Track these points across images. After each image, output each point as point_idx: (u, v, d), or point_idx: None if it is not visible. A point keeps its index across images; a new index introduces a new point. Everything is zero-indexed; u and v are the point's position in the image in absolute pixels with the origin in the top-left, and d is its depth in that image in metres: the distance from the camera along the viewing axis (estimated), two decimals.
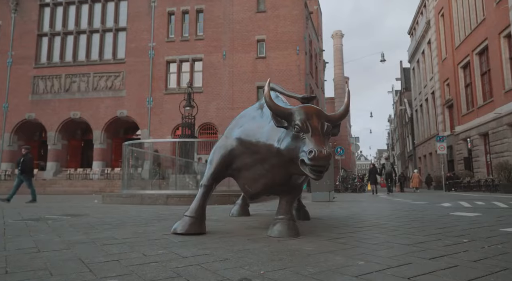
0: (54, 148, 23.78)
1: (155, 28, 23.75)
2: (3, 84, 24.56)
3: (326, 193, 7.77)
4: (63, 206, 5.96)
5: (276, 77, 22.05)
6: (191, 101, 17.84)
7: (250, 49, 22.65)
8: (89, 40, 24.58)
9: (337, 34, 64.34)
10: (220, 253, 1.99)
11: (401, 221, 3.68)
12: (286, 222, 2.63)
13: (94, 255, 1.90)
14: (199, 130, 22.62)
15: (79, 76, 24.01)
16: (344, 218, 4.04)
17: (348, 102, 2.68)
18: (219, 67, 22.75)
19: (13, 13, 25.31)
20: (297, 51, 22.36)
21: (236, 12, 23.14)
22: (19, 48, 24.77)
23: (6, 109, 24.25)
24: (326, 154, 2.18)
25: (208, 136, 22.72)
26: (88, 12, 24.79)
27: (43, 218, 3.65)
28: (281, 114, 2.46)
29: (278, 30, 22.60)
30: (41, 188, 20.12)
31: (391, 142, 64.44)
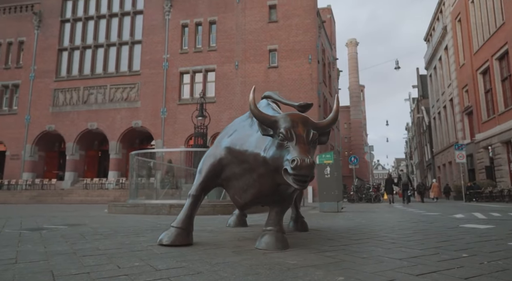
0: (72, 159, 24.34)
1: (169, 40, 24.22)
2: (26, 97, 25.46)
3: (334, 204, 7.59)
4: (68, 216, 6.02)
5: (289, 86, 22.05)
6: (204, 111, 18.02)
7: (262, 59, 22.76)
8: (106, 53, 25.27)
9: (352, 42, 64.12)
10: (197, 266, 1.92)
11: (403, 233, 3.52)
12: (274, 234, 2.54)
13: (68, 267, 1.86)
14: (212, 139, 22.71)
15: (96, 88, 24.65)
16: (344, 229, 3.91)
17: (337, 109, 2.59)
18: (231, 77, 22.93)
19: (36, 29, 26.36)
20: (309, 60, 22.32)
21: (248, 22, 23.37)
22: (41, 62, 25.71)
23: (28, 121, 25.08)
24: (308, 163, 2.10)
25: None
26: (105, 26, 25.56)
27: (40, 228, 3.67)
28: (266, 122, 2.40)
29: (290, 39, 22.66)
30: (59, 198, 20.59)
31: (409, 151, 63.11)
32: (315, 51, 22.67)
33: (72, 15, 26.15)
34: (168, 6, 24.57)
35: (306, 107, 4.32)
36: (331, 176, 7.68)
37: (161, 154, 15.59)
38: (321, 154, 8.01)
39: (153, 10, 24.87)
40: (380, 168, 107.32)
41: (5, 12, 27.20)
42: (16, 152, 24.81)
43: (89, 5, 26.14)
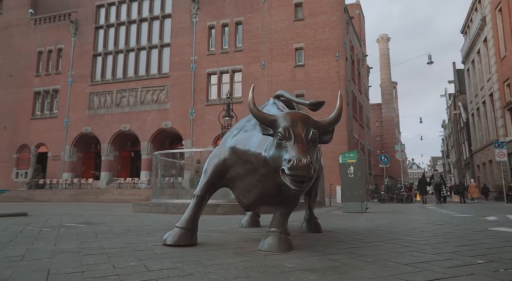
0: (107, 159, 25.36)
1: (197, 42, 24.63)
2: (65, 101, 26.83)
3: (358, 204, 7.37)
4: (94, 214, 6.26)
5: (315, 84, 21.75)
6: (231, 112, 18.15)
7: (288, 57, 22.60)
8: (137, 57, 26.11)
9: (383, 38, 62.25)
10: (191, 267, 1.92)
11: (422, 236, 3.34)
12: (277, 235, 2.49)
13: (66, 265, 1.92)
14: None
15: (128, 91, 25.54)
16: (360, 231, 3.77)
17: (341, 106, 2.50)
18: (258, 77, 22.95)
19: (73, 37, 27.71)
20: (337, 57, 21.89)
21: (274, 21, 23.29)
22: (78, 68, 27.00)
23: (67, 124, 26.41)
24: (305, 164, 2.03)
25: None
26: (136, 31, 26.42)
27: (61, 226, 3.83)
28: (265, 121, 2.35)
29: (316, 37, 22.34)
30: (95, 196, 21.52)
31: (445, 149, 60.35)
32: (343, 48, 22.20)
33: (105, 21, 27.24)
34: (195, 8, 24.99)
35: (317, 106, 4.22)
36: (355, 176, 7.47)
37: (190, 154, 15.86)
38: (344, 153, 7.82)
39: (181, 13, 25.39)
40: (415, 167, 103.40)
41: (46, 22, 28.79)
42: (56, 153, 26.21)
43: (121, 11, 27.11)
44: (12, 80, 28.29)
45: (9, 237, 2.98)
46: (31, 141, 26.92)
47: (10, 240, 2.81)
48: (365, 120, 31.50)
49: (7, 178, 26.69)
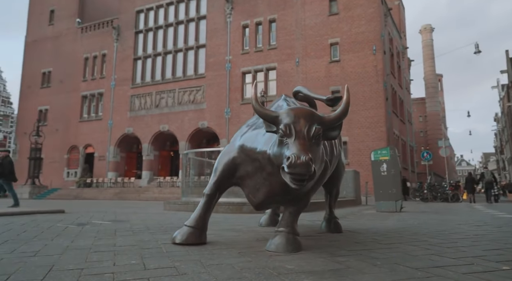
0: (148, 159, 26.40)
1: (231, 42, 24.87)
2: (108, 104, 28.29)
3: (391, 203, 7.03)
4: (125, 212, 6.51)
5: (352, 80, 21.13)
6: None
7: (323, 53, 22.15)
8: (175, 59, 26.88)
9: (426, 29, 59.14)
10: (188, 266, 1.91)
11: (450, 238, 3.10)
12: (285, 235, 2.42)
13: (71, 262, 1.98)
14: None
15: (166, 92, 26.38)
16: (384, 231, 3.58)
17: (347, 101, 2.37)
18: (292, 74, 22.73)
19: (115, 42, 29.11)
20: (374, 51, 21.10)
21: (308, 17, 22.92)
22: (120, 72, 28.33)
23: (111, 125, 27.83)
24: (304, 161, 1.94)
25: None
26: (173, 33, 27.20)
27: (88, 223, 4.01)
28: (268, 118, 2.29)
29: (352, 31, 21.69)
30: (137, 195, 22.48)
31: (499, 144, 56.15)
32: (380, 42, 21.35)
33: (144, 26, 28.32)
34: (229, 9, 25.24)
35: (334, 101, 4.08)
36: (388, 174, 7.14)
37: None
38: (376, 150, 7.49)
39: (215, 14, 25.76)
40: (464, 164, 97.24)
41: (91, 30, 30.50)
42: (102, 153, 27.72)
43: (159, 15, 28.04)
44: (63, 85, 30.30)
45: (36, 233, 3.17)
46: (80, 142, 28.68)
47: (35, 236, 2.98)
48: (407, 115, 30.12)
49: (59, 177, 28.67)
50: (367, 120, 20.67)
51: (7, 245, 2.52)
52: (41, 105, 30.95)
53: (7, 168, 8.27)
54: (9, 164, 8.38)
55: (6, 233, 3.10)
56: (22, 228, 3.44)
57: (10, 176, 8.39)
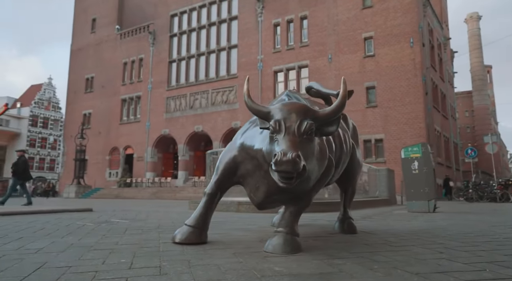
0: (183, 159, 27.07)
1: (263, 41, 24.85)
2: (146, 106, 29.36)
3: (424, 203, 6.62)
4: (152, 210, 6.68)
5: (387, 74, 20.35)
6: None
7: (357, 48, 21.49)
8: (207, 60, 27.34)
9: (472, 17, 55.60)
10: (173, 266, 1.87)
11: (472, 241, 2.83)
12: (283, 236, 2.32)
13: (64, 260, 2.02)
14: None
15: (200, 93, 26.90)
16: (402, 233, 3.35)
17: (344, 94, 2.22)
18: (325, 71, 22.28)
19: (151, 46, 30.15)
20: (411, 43, 20.14)
21: (341, 12, 22.35)
22: (156, 75, 29.31)
23: (149, 127, 28.86)
24: (290, 158, 1.84)
25: None
26: (205, 35, 27.68)
27: (105, 222, 4.13)
28: (261, 114, 2.21)
29: (387, 24, 20.84)
30: (173, 194, 23.12)
31: None
32: (418, 34, 20.33)
33: (178, 29, 29.07)
34: (260, 8, 25.23)
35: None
36: (420, 172, 6.73)
37: None
38: (407, 147, 7.10)
39: (247, 14, 25.86)
40: None
41: (129, 35, 31.82)
42: (141, 154, 28.83)
43: (192, 18, 28.66)
44: (104, 90, 31.87)
45: (51, 230, 3.30)
46: (120, 144, 30.02)
47: (49, 233, 3.10)
48: (449, 110, 28.47)
49: (102, 177, 30.20)
50: (404, 116, 19.78)
51: (18, 242, 2.63)
52: (85, 109, 32.78)
53: (21, 167, 8.60)
54: (23, 163, 8.71)
55: (25, 230, 3.26)
56: (42, 226, 3.61)
57: (23, 175, 8.70)
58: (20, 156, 8.99)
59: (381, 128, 20.31)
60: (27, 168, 8.94)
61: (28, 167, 8.98)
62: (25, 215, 4.98)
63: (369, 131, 20.57)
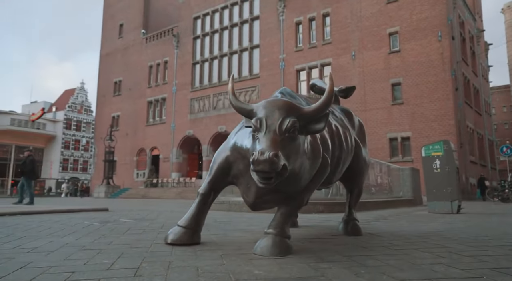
0: (207, 159, 27.33)
1: (284, 40, 24.68)
2: (171, 108, 29.94)
3: (446, 203, 6.28)
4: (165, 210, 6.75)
5: (414, 70, 19.64)
6: None
7: (381, 44, 20.87)
8: (230, 61, 27.50)
9: (510, 7, 52.68)
10: (152, 268, 1.84)
11: (484, 245, 2.62)
12: (272, 238, 2.24)
13: (50, 259, 2.04)
14: None
15: (223, 94, 27.08)
16: (411, 235, 3.16)
17: (331, 90, 2.11)
18: (348, 69, 21.81)
19: (176, 49, 30.72)
20: (439, 37, 19.31)
21: (364, 8, 21.79)
22: (180, 77, 29.82)
23: (173, 128, 29.41)
24: (267, 157, 1.76)
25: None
26: (228, 36, 27.86)
27: (113, 221, 4.20)
28: (244, 112, 2.15)
29: (413, 18, 20.10)
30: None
31: None
32: (447, 27, 19.46)
33: (201, 31, 29.44)
34: (281, 7, 25.08)
35: (347, 92, 3.77)
36: (442, 171, 6.38)
37: None
38: (428, 145, 6.75)
39: (268, 13, 25.78)
40: None
41: (154, 39, 32.58)
42: (166, 155, 29.42)
43: (214, 20, 28.93)
44: (131, 93, 32.80)
45: (56, 229, 3.38)
46: (147, 145, 30.78)
47: (52, 233, 3.17)
48: (484, 105, 27.09)
49: (130, 177, 31.08)
50: (432, 113, 19.00)
51: (18, 241, 2.70)
52: (113, 112, 33.87)
53: (28, 167, 8.81)
54: (30, 163, 8.91)
55: (31, 230, 3.36)
56: (50, 225, 3.71)
57: (30, 174, 8.89)
58: (28, 155, 9.20)
59: (407, 126, 19.62)
60: (35, 167, 9.16)
61: (35, 166, 9.18)
62: (42, 215, 5.17)
63: (395, 129, 19.95)
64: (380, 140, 20.32)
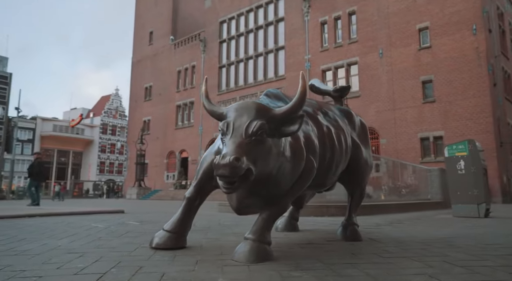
0: None
1: (310, 40, 24.40)
2: (198, 111, 30.42)
3: (472, 207, 5.87)
4: None
5: (446, 67, 18.74)
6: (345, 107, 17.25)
7: (410, 41, 20.09)
8: (255, 63, 27.58)
9: None
10: (119, 273, 1.83)
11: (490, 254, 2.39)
12: (249, 243, 2.17)
13: (30, 263, 2.08)
14: None
15: (249, 96, 27.15)
16: (412, 242, 2.95)
17: (303, 90, 2.02)
18: (375, 67, 21.17)
19: (203, 53, 31.26)
20: (474, 30, 18.29)
21: (392, 4, 21.10)
22: (208, 80, 30.23)
23: (201, 131, 29.89)
24: (226, 162, 1.70)
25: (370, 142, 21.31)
26: (253, 39, 27.97)
27: (117, 224, 4.28)
28: (216, 116, 2.10)
29: (444, 11, 19.19)
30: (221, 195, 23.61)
31: None
32: (482, 19, 18.40)
33: (227, 35, 29.76)
34: (306, 7, 24.83)
35: (342, 91, 3.62)
36: (467, 172, 5.98)
37: None
38: (451, 145, 6.36)
39: (293, 14, 25.61)
40: None
41: (182, 44, 33.36)
42: (194, 157, 29.93)
43: (240, 23, 29.16)
44: (161, 97, 33.73)
45: (59, 231, 3.49)
46: (176, 147, 31.49)
47: (53, 235, 3.27)
48: None
49: (160, 179, 31.92)
50: (467, 111, 18.01)
51: (14, 243, 2.80)
52: (144, 116, 34.98)
53: (35, 169, 8.97)
54: (38, 166, 9.08)
55: (36, 231, 3.49)
56: (57, 227, 3.84)
57: (37, 176, 9.05)
58: (36, 158, 9.45)
59: (440, 125, 18.72)
60: (42, 170, 9.36)
61: (43, 169, 9.39)
62: (60, 216, 5.38)
63: (426, 128, 19.10)
64: (411, 140, 19.54)
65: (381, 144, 20.53)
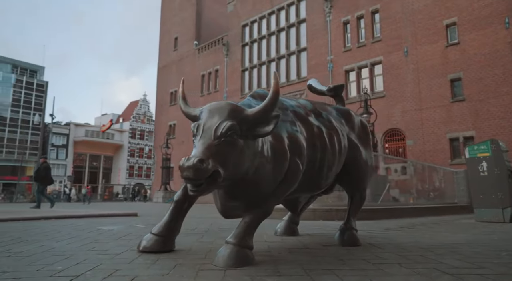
0: None
1: (332, 41, 24.04)
2: None
3: (497, 211, 5.50)
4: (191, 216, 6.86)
5: (476, 63, 17.88)
6: (369, 108, 16.83)
7: (437, 38, 19.33)
8: (278, 66, 27.49)
9: None
10: (92, 276, 1.84)
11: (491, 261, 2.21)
12: (229, 248, 2.12)
13: (17, 265, 2.13)
14: (384, 137, 20.93)
15: None
16: (414, 248, 2.79)
17: (275, 90, 1.96)
18: (400, 66, 20.52)
19: (225, 57, 31.57)
20: (506, 24, 17.35)
21: (417, 0, 20.41)
22: (231, 84, 30.55)
23: None
24: (190, 164, 1.67)
25: (395, 144, 20.67)
26: (275, 41, 27.92)
27: (123, 227, 4.34)
28: (190, 118, 2.08)
29: (474, 5, 18.33)
30: None
31: None
32: None
33: (249, 38, 29.90)
34: (328, 7, 24.52)
35: (335, 90, 3.53)
36: (489, 174, 5.61)
37: None
38: (473, 146, 6.00)
39: (315, 15, 25.36)
40: None
41: (206, 49, 33.86)
42: None
43: (262, 26, 29.22)
44: None
45: (61, 234, 3.58)
46: None
47: (54, 237, 3.36)
48: None
49: None
50: (500, 110, 17.07)
51: (13, 245, 2.89)
52: (170, 120, 35.72)
53: (42, 173, 9.13)
54: (44, 169, 9.23)
55: (41, 234, 3.59)
56: (64, 230, 3.95)
57: (43, 180, 9.18)
58: (43, 162, 9.60)
59: (470, 125, 17.86)
60: (48, 174, 9.52)
61: (49, 172, 9.55)
62: (74, 219, 5.55)
63: (456, 128, 18.27)
64: (439, 141, 18.75)
65: (408, 145, 19.85)
